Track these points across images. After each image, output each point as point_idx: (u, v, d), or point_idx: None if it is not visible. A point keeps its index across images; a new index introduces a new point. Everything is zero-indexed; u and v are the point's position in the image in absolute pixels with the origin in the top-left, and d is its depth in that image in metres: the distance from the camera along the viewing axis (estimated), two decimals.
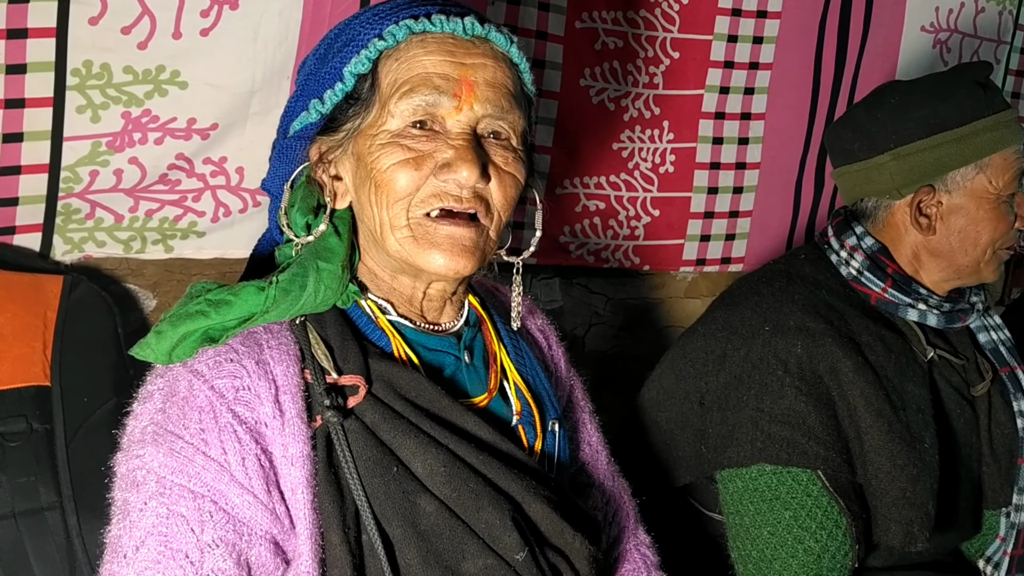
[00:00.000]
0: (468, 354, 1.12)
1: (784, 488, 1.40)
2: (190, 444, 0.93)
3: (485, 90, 1.02)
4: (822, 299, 1.52)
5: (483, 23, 1.05)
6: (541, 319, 1.36)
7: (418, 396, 1.03)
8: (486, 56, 1.04)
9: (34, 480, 1.44)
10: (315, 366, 1.01)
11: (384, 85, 1.03)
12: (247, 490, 0.93)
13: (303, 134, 1.09)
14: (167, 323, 0.97)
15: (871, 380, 1.44)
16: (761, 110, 2.25)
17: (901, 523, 1.40)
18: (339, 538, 0.95)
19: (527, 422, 1.13)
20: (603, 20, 2.03)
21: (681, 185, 2.23)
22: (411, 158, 1.01)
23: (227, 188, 1.77)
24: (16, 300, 1.54)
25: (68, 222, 1.66)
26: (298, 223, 1.08)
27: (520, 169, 1.06)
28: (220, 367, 0.96)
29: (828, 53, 2.27)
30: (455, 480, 0.98)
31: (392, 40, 1.02)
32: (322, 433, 0.98)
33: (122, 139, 1.64)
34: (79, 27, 1.55)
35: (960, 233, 1.52)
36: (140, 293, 1.79)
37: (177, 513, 0.91)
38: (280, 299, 1.00)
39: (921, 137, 1.51)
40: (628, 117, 2.12)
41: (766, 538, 1.40)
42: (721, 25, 2.14)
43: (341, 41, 1.05)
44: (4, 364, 1.49)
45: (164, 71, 1.63)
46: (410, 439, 0.99)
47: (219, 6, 1.63)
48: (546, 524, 1.02)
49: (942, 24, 2.41)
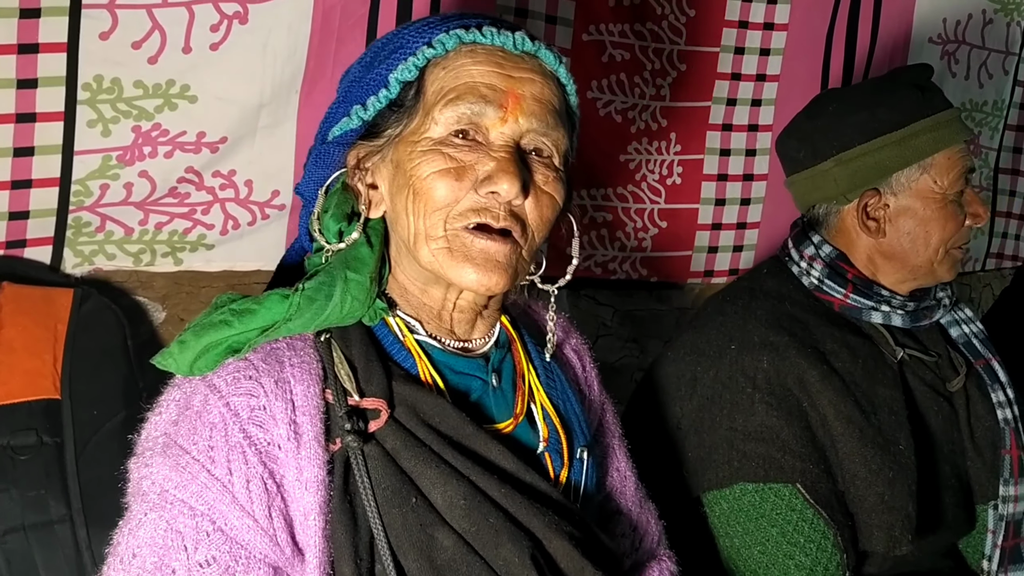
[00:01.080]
0: (496, 377, 1.09)
1: (768, 505, 1.40)
2: (196, 460, 0.92)
3: (532, 104, 1.01)
4: (785, 312, 1.53)
5: (533, 40, 1.04)
6: (576, 339, 1.33)
7: (441, 423, 1.00)
8: (534, 72, 1.03)
9: (44, 493, 1.44)
10: (337, 386, 0.98)
11: (429, 93, 1.02)
12: (248, 513, 0.92)
13: (342, 140, 1.08)
14: (190, 333, 0.96)
15: (838, 388, 1.44)
16: (768, 122, 2.25)
17: (883, 528, 1.40)
18: (350, 569, 0.92)
19: (554, 449, 1.09)
20: (610, 32, 2.04)
21: (688, 197, 2.23)
22: (452, 168, 0.99)
23: (236, 201, 1.77)
24: (27, 313, 1.55)
25: (78, 235, 1.67)
26: (331, 229, 1.06)
27: (559, 190, 1.04)
28: (238, 384, 0.95)
29: (836, 65, 2.27)
30: (475, 514, 0.95)
31: (441, 48, 1.01)
32: (340, 457, 0.96)
33: (132, 153, 1.65)
34: (90, 42, 1.56)
35: (910, 234, 1.53)
36: (150, 305, 1.80)
37: (174, 529, 0.91)
38: (305, 307, 0.98)
39: (861, 141, 1.52)
40: (635, 129, 2.13)
41: (757, 557, 1.40)
42: (728, 37, 2.15)
43: (388, 49, 1.04)
44: (15, 377, 1.49)
45: (174, 85, 1.64)
46: (431, 469, 0.96)
47: (228, 21, 1.64)
48: (566, 562, 0.98)
49: (950, 35, 2.41)
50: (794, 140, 1.63)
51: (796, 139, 1.63)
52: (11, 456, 1.44)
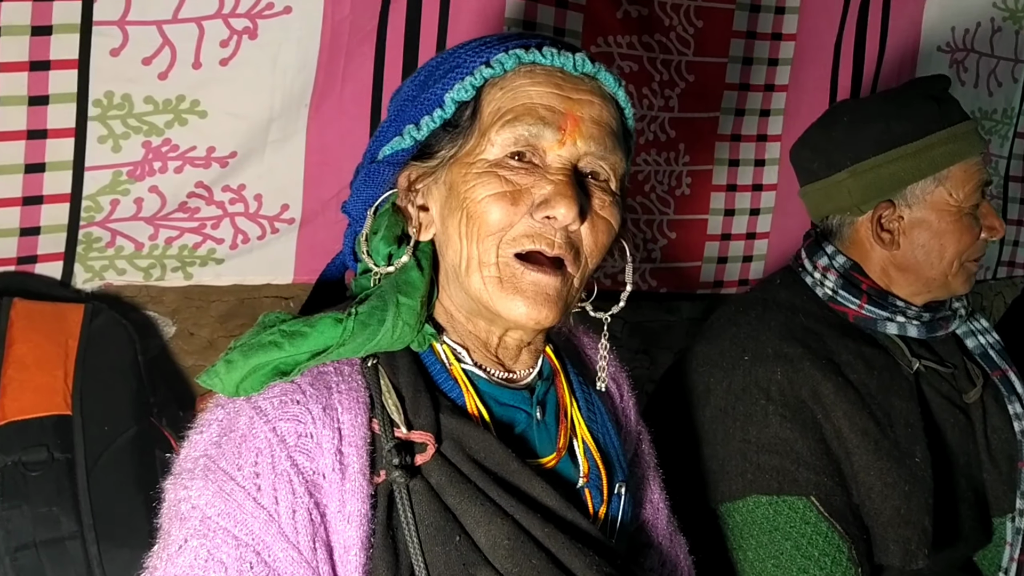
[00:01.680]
0: (540, 410, 1.06)
1: (782, 518, 1.38)
2: (241, 488, 0.89)
3: (591, 127, 0.99)
4: (799, 323, 1.51)
5: (593, 61, 1.01)
6: (615, 367, 1.30)
7: (487, 458, 0.97)
8: (593, 94, 1.00)
9: (55, 510, 1.44)
10: (384, 417, 0.95)
11: (486, 113, 0.99)
12: (293, 545, 0.88)
13: (393, 160, 1.05)
14: (238, 353, 0.93)
15: (853, 400, 1.43)
16: (777, 132, 2.25)
17: (898, 542, 1.38)
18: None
19: (594, 485, 1.07)
20: (618, 44, 2.04)
21: (698, 207, 2.23)
22: (508, 191, 0.96)
23: (246, 215, 1.78)
24: (38, 329, 1.55)
25: (89, 251, 1.67)
26: (381, 252, 1.03)
27: (615, 215, 1.02)
28: (285, 408, 0.92)
29: (844, 74, 2.26)
30: (518, 555, 0.92)
31: (500, 68, 0.98)
32: (383, 490, 0.93)
33: (143, 168, 1.65)
34: (101, 59, 1.57)
35: (924, 247, 1.51)
36: (160, 320, 1.80)
37: (217, 559, 0.87)
38: (358, 332, 0.95)
39: (875, 153, 1.50)
40: (644, 140, 2.13)
41: (771, 571, 1.38)
42: (736, 48, 2.15)
43: (443, 68, 1.02)
44: (26, 393, 1.49)
45: (184, 101, 1.64)
46: (475, 506, 0.93)
47: (238, 36, 1.65)
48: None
49: (958, 44, 2.41)
50: (808, 150, 1.62)
51: (810, 149, 1.61)
52: (22, 472, 1.44)
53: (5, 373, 1.50)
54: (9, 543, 1.41)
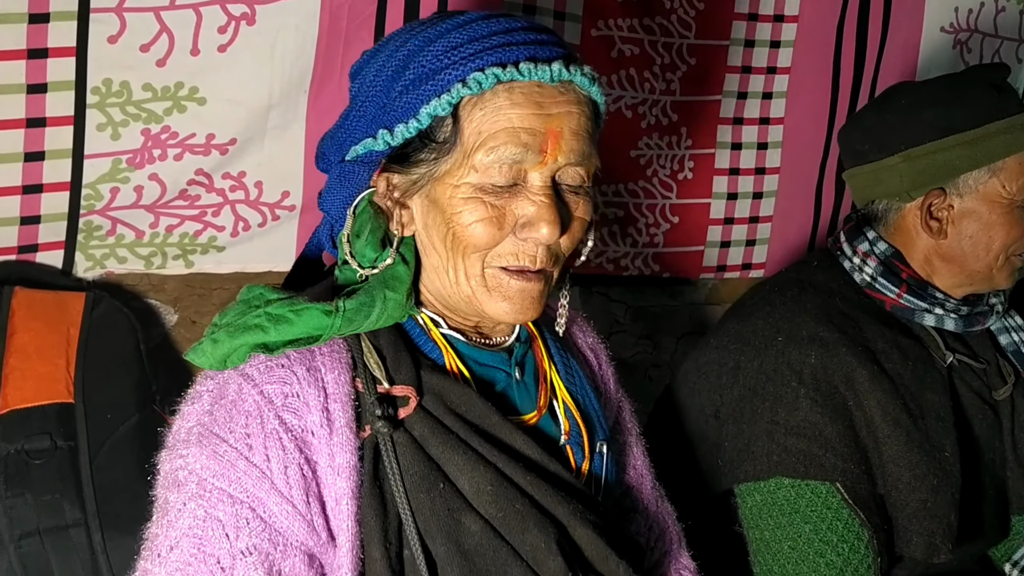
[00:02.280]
0: (519, 370, 1.11)
1: (803, 501, 1.38)
2: (234, 448, 0.93)
3: (570, 140, 1.00)
4: (836, 307, 1.50)
5: (569, 65, 1.00)
6: (592, 337, 1.34)
7: (468, 411, 1.02)
8: (571, 103, 1.01)
9: (59, 497, 1.44)
10: (367, 375, 1.00)
11: (467, 133, 0.99)
12: (287, 499, 0.93)
13: (367, 159, 1.05)
14: (223, 332, 0.97)
15: (888, 389, 1.42)
16: (780, 114, 2.23)
17: (923, 535, 1.38)
18: (380, 553, 0.94)
19: (575, 442, 1.11)
20: (619, 28, 2.03)
21: (700, 191, 2.22)
22: (494, 216, 0.99)
23: (246, 202, 1.77)
24: (39, 318, 1.55)
25: (90, 239, 1.67)
26: (367, 256, 1.05)
27: (589, 210, 1.05)
28: (271, 372, 0.96)
29: (847, 56, 2.25)
30: (501, 500, 0.97)
31: (477, 88, 0.98)
32: (370, 444, 0.97)
33: (142, 156, 1.65)
34: (98, 46, 1.56)
35: (972, 238, 1.49)
36: (161, 308, 1.80)
37: (214, 517, 0.91)
38: (343, 327, 0.99)
39: (932, 139, 1.48)
40: (645, 124, 2.11)
41: (787, 553, 1.38)
42: (738, 30, 2.13)
43: (413, 71, 1.00)
44: (28, 382, 1.50)
45: (183, 87, 1.64)
46: (458, 455, 0.98)
47: (236, 22, 1.64)
48: (591, 550, 1.00)
49: (962, 24, 2.39)
50: (859, 132, 1.58)
51: (861, 131, 1.57)
52: (26, 460, 1.44)
53: (7, 362, 1.50)
54: (13, 531, 1.41)
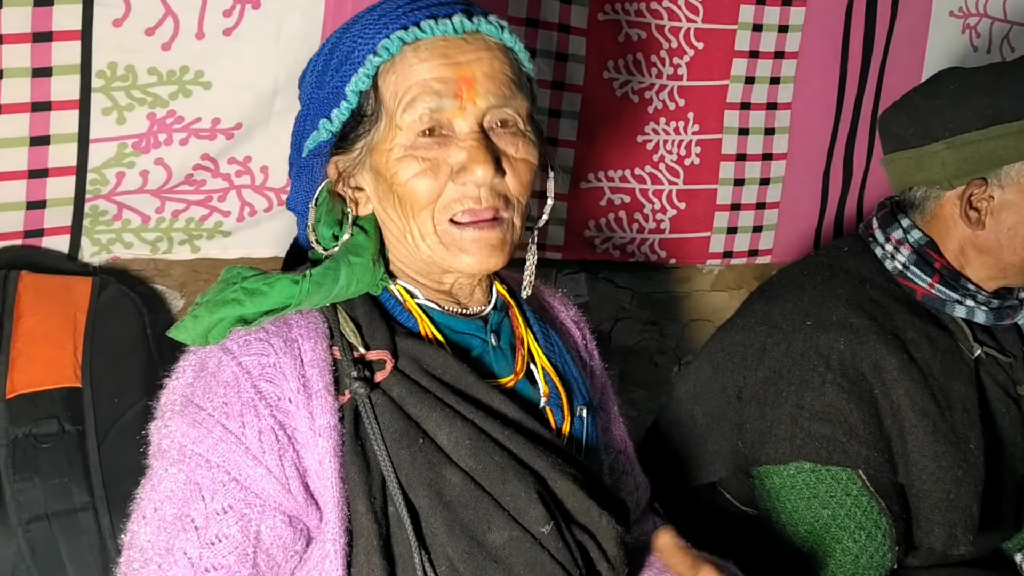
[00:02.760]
0: (495, 337, 1.14)
1: (823, 487, 1.38)
2: (211, 416, 0.97)
3: (485, 83, 1.03)
4: (866, 294, 1.49)
5: (471, 17, 1.05)
6: (575, 311, 1.36)
7: (444, 373, 1.05)
8: (479, 50, 1.04)
9: (67, 481, 1.45)
10: (343, 343, 1.04)
11: (387, 99, 1.04)
12: (260, 463, 0.97)
13: (318, 151, 1.12)
14: (203, 308, 1.01)
15: (916, 379, 1.41)
16: (787, 100, 2.22)
17: (944, 525, 1.37)
18: (365, 507, 0.97)
19: (554, 404, 1.14)
20: (626, 12, 2.02)
21: (707, 177, 2.21)
22: (428, 168, 1.03)
23: (252, 187, 1.77)
24: (46, 303, 1.55)
25: (96, 224, 1.67)
26: (325, 236, 1.11)
27: (532, 151, 1.07)
28: (249, 345, 1.00)
29: (855, 40, 2.23)
30: (480, 453, 1.00)
31: (387, 54, 1.03)
32: (349, 407, 1.01)
33: (147, 140, 1.64)
34: (103, 29, 1.55)
35: (1010, 230, 1.46)
36: (168, 293, 1.80)
37: (193, 481, 0.96)
38: (313, 291, 1.03)
39: (978, 127, 1.44)
40: (652, 109, 2.10)
41: (803, 536, 1.38)
42: (746, 14, 2.12)
43: (337, 58, 1.07)
44: (35, 366, 1.50)
45: (188, 72, 1.63)
46: (436, 412, 1.01)
47: (241, 6, 1.63)
48: (572, 501, 1.03)
49: (971, 9, 2.37)
50: (904, 116, 1.55)
51: (906, 116, 1.55)
52: (33, 444, 1.45)
53: (14, 346, 1.50)
54: (21, 515, 1.42)
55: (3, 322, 1.52)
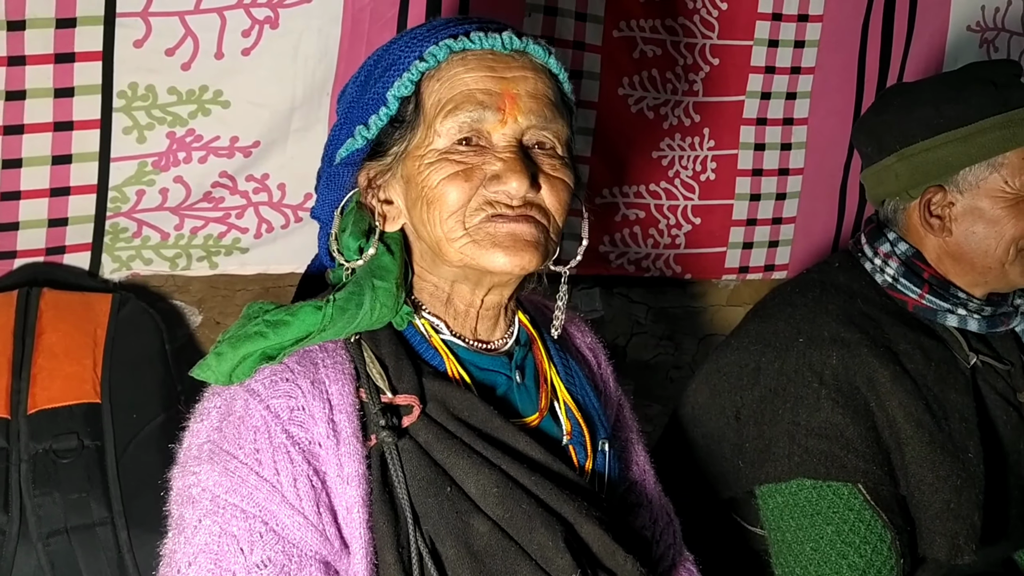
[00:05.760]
0: (519, 373, 1.11)
1: (825, 503, 1.37)
2: (244, 464, 0.94)
3: (528, 101, 1.03)
4: (857, 308, 1.49)
5: (520, 36, 1.05)
6: (591, 337, 1.35)
7: (471, 416, 1.02)
8: (526, 69, 1.04)
9: (86, 496, 1.46)
10: (370, 385, 1.01)
11: (428, 105, 1.03)
12: (298, 511, 0.94)
13: (350, 160, 1.10)
14: (227, 345, 0.99)
15: (910, 390, 1.40)
16: (804, 115, 2.22)
17: (946, 536, 1.36)
18: (393, 557, 0.95)
19: (577, 442, 1.12)
20: (641, 28, 2.02)
21: (723, 192, 2.20)
22: (460, 171, 1.01)
23: (269, 204, 1.79)
24: (67, 319, 1.57)
25: (116, 241, 1.69)
26: (350, 247, 1.08)
27: (569, 175, 1.06)
28: (276, 387, 0.97)
29: (872, 56, 2.23)
30: (508, 501, 0.98)
31: (433, 61, 1.03)
32: (376, 452, 0.98)
33: (167, 158, 1.67)
34: (124, 50, 1.58)
35: (976, 234, 1.47)
36: (186, 309, 1.82)
37: (229, 532, 0.92)
38: (337, 317, 1.00)
39: (924, 137, 1.47)
40: (668, 125, 2.11)
41: (809, 554, 1.37)
42: (761, 30, 2.12)
43: (381, 67, 1.06)
44: (56, 382, 1.52)
45: (207, 91, 1.65)
46: (463, 459, 0.99)
47: (260, 25, 1.65)
48: (598, 545, 1.01)
49: (988, 23, 2.36)
50: (863, 135, 1.60)
51: (864, 133, 1.59)
52: (53, 460, 1.46)
53: (35, 362, 1.52)
54: (41, 529, 1.43)
55: (25, 338, 1.54)
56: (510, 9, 1.85)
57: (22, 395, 1.49)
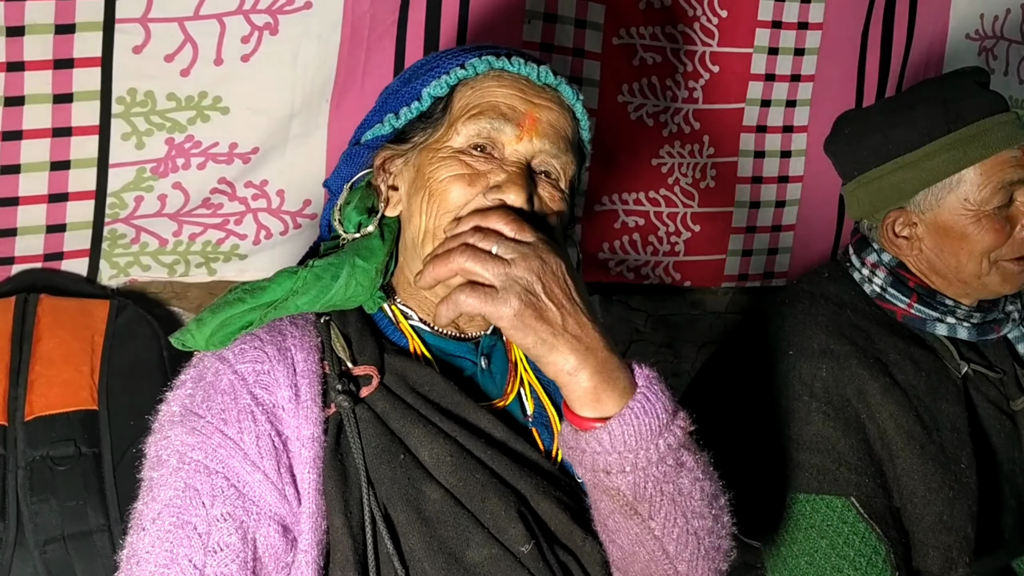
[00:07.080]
0: (485, 360, 1.15)
1: (819, 516, 1.36)
2: (210, 423, 0.99)
3: (546, 128, 1.09)
4: (846, 319, 1.49)
5: (556, 75, 1.12)
6: None
7: (430, 391, 1.07)
8: (552, 102, 1.11)
9: (83, 503, 1.46)
10: (333, 357, 1.06)
11: (456, 107, 1.10)
12: (259, 468, 0.98)
13: (372, 143, 1.17)
14: (207, 311, 1.05)
15: (900, 401, 1.40)
16: (803, 123, 2.22)
17: (939, 548, 1.36)
18: (341, 522, 0.98)
19: (540, 423, 1.15)
20: (641, 36, 2.02)
21: (722, 200, 2.20)
22: (467, 174, 1.06)
23: (268, 211, 1.78)
24: (64, 325, 1.57)
25: (114, 247, 1.69)
26: (351, 220, 1.15)
27: (564, 208, 1.11)
28: (244, 353, 1.03)
29: (871, 64, 2.23)
30: (461, 470, 1.02)
31: (472, 71, 1.10)
32: (334, 421, 1.03)
33: (166, 165, 1.66)
34: (124, 56, 1.58)
35: (945, 251, 1.47)
36: (185, 316, 1.81)
37: (192, 487, 0.97)
38: (311, 283, 1.06)
39: (876, 164, 1.49)
40: (667, 132, 2.11)
41: (804, 568, 1.37)
42: (761, 38, 2.12)
43: (424, 68, 1.14)
44: (53, 389, 1.51)
45: (206, 97, 1.65)
46: (418, 428, 1.03)
47: (259, 32, 1.65)
48: (555, 523, 1.04)
49: (987, 31, 2.36)
50: (831, 158, 1.63)
51: (831, 156, 1.62)
52: (50, 467, 1.46)
53: (32, 369, 1.52)
54: (38, 537, 1.43)
55: (22, 344, 1.54)
56: (510, 15, 1.85)
57: (19, 402, 1.49)
